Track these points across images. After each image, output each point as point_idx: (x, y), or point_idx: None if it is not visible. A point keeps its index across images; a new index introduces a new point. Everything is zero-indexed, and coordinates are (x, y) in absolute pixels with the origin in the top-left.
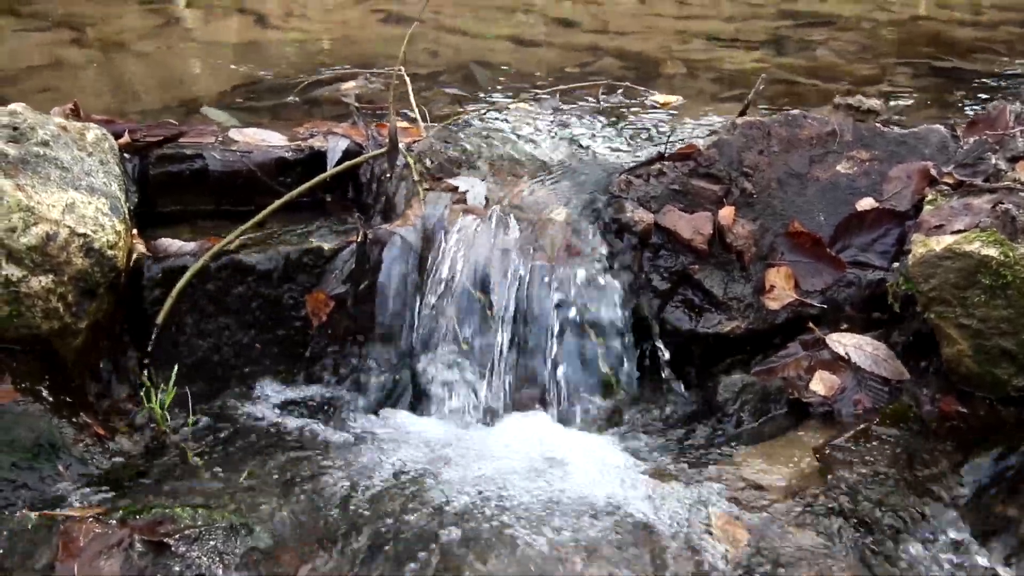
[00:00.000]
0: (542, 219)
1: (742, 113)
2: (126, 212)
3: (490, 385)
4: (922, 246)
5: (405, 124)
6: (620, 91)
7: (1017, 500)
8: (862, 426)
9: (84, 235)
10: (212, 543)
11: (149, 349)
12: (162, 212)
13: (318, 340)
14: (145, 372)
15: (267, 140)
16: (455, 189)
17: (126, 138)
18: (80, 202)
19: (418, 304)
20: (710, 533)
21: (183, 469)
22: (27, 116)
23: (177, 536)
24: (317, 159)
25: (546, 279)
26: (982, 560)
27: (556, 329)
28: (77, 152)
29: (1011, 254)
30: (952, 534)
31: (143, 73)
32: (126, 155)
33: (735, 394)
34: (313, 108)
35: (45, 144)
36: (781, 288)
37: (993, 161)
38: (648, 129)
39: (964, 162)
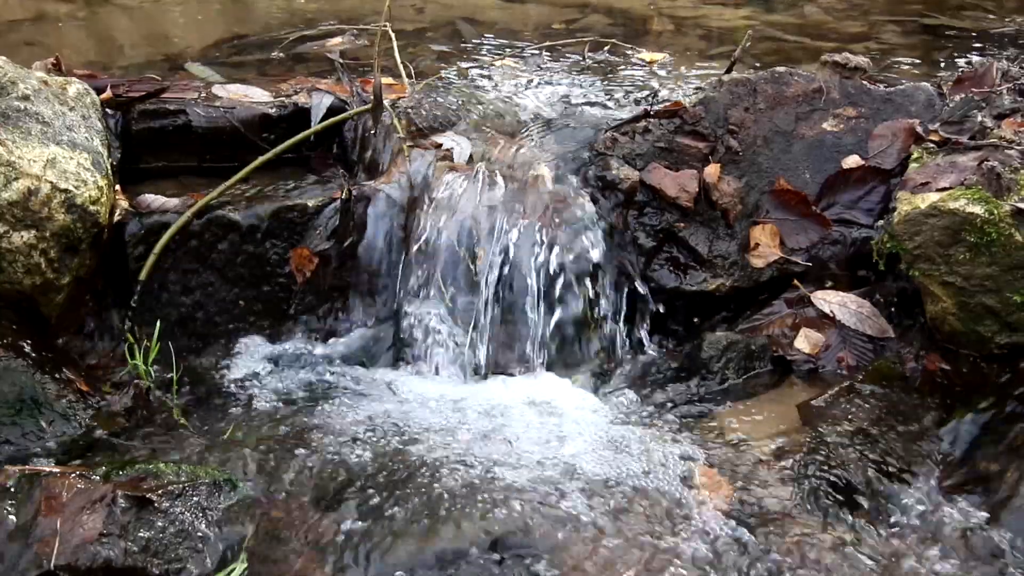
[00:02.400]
0: (527, 176)
1: (728, 70)
2: (108, 167)
3: (474, 341)
4: (907, 204)
5: (390, 81)
6: (607, 48)
7: (1000, 456)
8: (846, 383)
9: (66, 190)
10: (195, 499)
11: (132, 305)
12: (145, 168)
13: (302, 296)
14: (129, 328)
15: (251, 96)
16: (440, 146)
17: (108, 93)
18: (62, 157)
19: (402, 261)
20: (694, 487)
21: (167, 425)
22: (7, 70)
23: (160, 492)
24: (301, 115)
25: (531, 237)
26: (965, 515)
27: (541, 286)
28: (59, 107)
29: (996, 211)
30: (935, 490)
31: (127, 28)
32: (108, 110)
33: (720, 351)
34: (298, 64)
35: (26, 98)
36: (766, 246)
37: (979, 118)
38: (634, 86)
39: (950, 120)
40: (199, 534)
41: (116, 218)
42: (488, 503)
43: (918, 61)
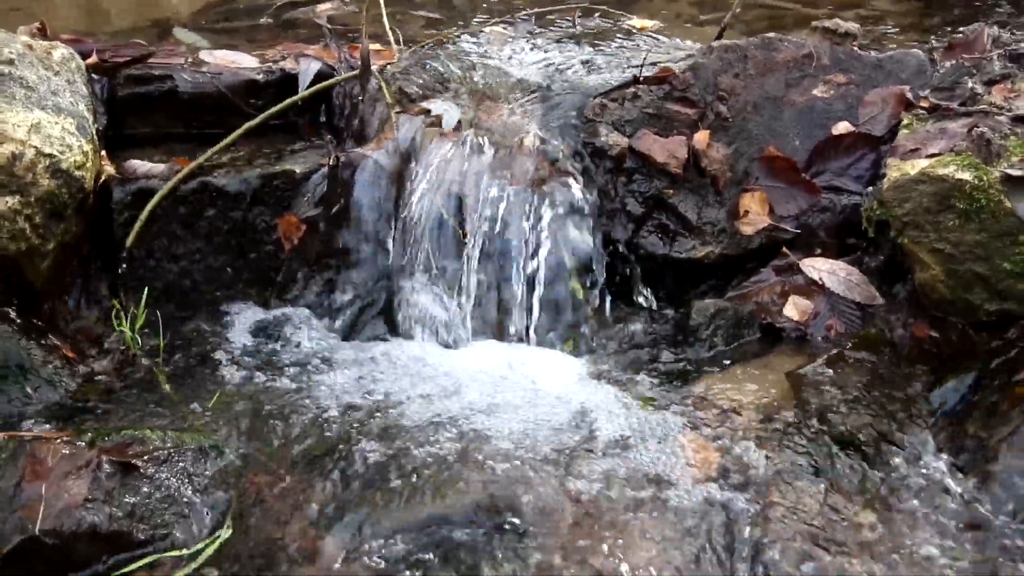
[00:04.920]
0: (516, 143)
1: (719, 36)
2: (94, 133)
3: (462, 309)
4: (897, 170)
5: (378, 47)
6: (597, 15)
7: (988, 422)
8: (835, 351)
9: (51, 155)
10: (181, 464)
11: (119, 272)
12: (131, 134)
13: (290, 264)
14: (115, 295)
15: (238, 62)
16: (428, 112)
17: (94, 58)
18: (46, 122)
19: (391, 228)
20: (680, 453)
21: (153, 392)
22: None
23: (146, 458)
24: (289, 81)
25: (519, 203)
26: (953, 482)
27: (529, 253)
28: (43, 71)
29: (985, 178)
30: (923, 456)
31: None
32: (94, 75)
33: (708, 319)
34: (286, 30)
35: (10, 63)
36: (755, 213)
37: (969, 85)
38: (624, 53)
39: (940, 86)
40: (185, 500)
41: (102, 184)
42: (473, 469)
43: (909, 27)
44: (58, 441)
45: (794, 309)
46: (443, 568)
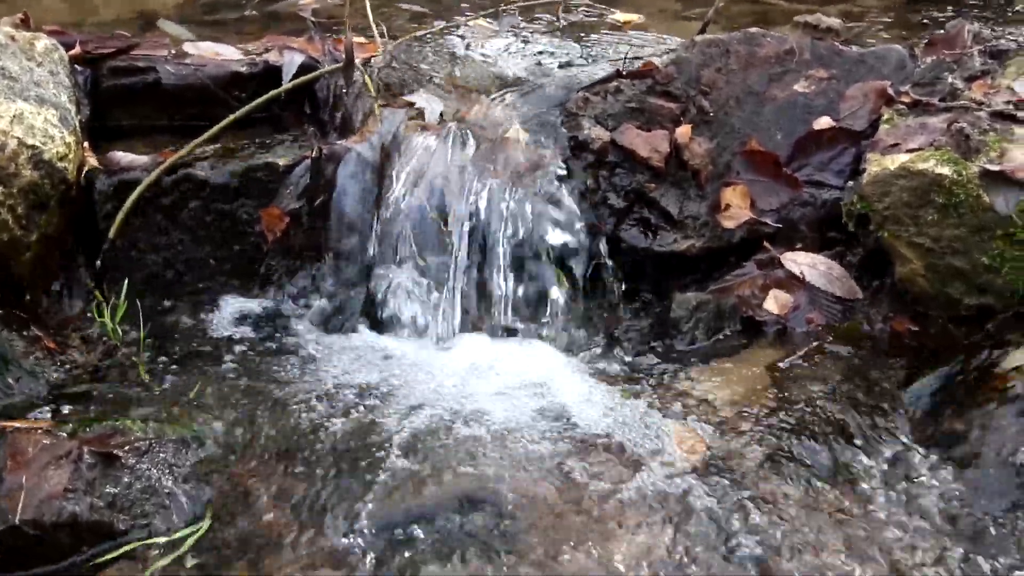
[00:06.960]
0: (498, 136)
1: (702, 31)
2: (76, 124)
3: (445, 302)
4: (877, 165)
5: (362, 40)
6: (580, 9)
7: (966, 415)
8: (815, 344)
9: (33, 146)
10: (162, 455)
11: (101, 263)
12: (115, 125)
13: (272, 256)
14: (97, 286)
15: (222, 54)
16: (412, 105)
17: (78, 49)
18: (29, 113)
19: (374, 221)
20: (663, 444)
21: (135, 383)
22: None
23: (127, 448)
24: (272, 74)
25: (502, 197)
26: (930, 474)
27: (511, 247)
28: (26, 62)
29: (964, 172)
30: (901, 449)
31: None
32: (77, 67)
33: (689, 312)
34: (271, 23)
35: None
36: (737, 207)
37: (950, 80)
38: (607, 47)
39: (921, 81)
40: (165, 490)
41: (85, 175)
42: (456, 460)
43: (891, 23)
44: (39, 431)
45: (775, 303)
46: (426, 559)
